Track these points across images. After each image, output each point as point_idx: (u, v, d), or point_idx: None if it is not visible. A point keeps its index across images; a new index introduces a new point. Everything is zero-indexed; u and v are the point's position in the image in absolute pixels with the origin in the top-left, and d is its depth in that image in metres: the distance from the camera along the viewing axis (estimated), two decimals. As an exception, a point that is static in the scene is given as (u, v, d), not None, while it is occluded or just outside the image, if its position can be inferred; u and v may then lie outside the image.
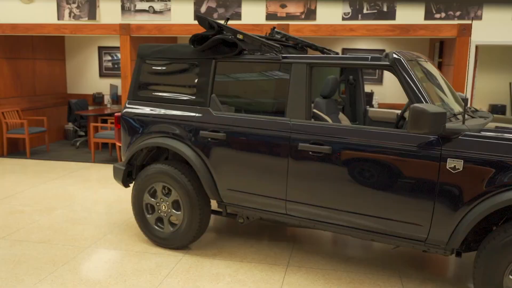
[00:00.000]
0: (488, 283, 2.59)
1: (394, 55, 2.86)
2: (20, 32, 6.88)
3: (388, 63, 2.87)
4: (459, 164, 2.60)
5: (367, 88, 8.06)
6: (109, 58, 8.88)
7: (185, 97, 3.57)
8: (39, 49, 8.29)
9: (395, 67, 2.84)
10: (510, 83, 8.15)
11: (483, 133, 2.62)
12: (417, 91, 2.75)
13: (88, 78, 9.08)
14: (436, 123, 2.52)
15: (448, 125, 2.63)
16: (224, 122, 3.34)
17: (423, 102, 2.71)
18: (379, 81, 8.11)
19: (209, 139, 3.38)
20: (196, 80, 3.52)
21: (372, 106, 7.60)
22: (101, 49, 8.89)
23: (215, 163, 3.38)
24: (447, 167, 2.63)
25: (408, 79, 2.79)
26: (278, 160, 3.12)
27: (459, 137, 2.63)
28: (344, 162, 2.90)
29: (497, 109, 7.58)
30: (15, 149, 7.80)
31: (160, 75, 3.71)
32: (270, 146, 3.15)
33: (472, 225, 2.56)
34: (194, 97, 3.52)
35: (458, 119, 2.91)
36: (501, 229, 2.56)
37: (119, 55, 8.80)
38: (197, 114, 3.46)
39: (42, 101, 8.38)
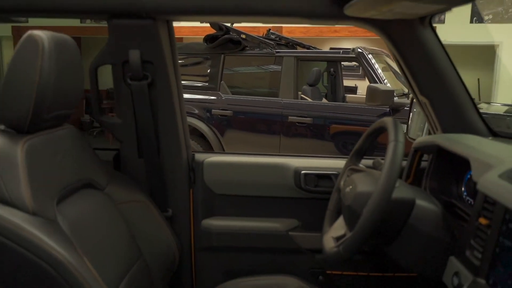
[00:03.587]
0: None
1: (359, 50, 3.87)
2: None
3: (354, 55, 3.88)
4: (403, 128, 3.61)
5: (352, 82, 9.08)
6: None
7: (199, 84, 4.55)
8: (59, 49, 9.23)
9: (358, 58, 3.84)
10: (478, 79, 9.20)
11: (420, 105, 3.63)
12: (374, 75, 3.77)
13: (103, 75, 10.00)
14: (386, 98, 3.52)
15: (396, 100, 3.64)
16: (231, 103, 4.33)
17: (377, 83, 3.71)
18: (362, 76, 9.14)
19: (219, 116, 4.37)
20: (208, 70, 4.51)
21: (356, 98, 8.61)
22: (113, 49, 9.85)
23: (224, 134, 4.37)
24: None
25: (367, 66, 3.80)
26: (273, 130, 4.12)
27: (404, 108, 3.64)
28: (322, 128, 3.91)
29: (465, 101, 8.61)
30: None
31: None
32: (267, 119, 4.15)
33: None
34: (207, 84, 4.51)
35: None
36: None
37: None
38: (209, 97, 4.45)
39: (62, 95, 9.33)
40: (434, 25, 6.67)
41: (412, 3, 0.84)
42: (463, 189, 1.16)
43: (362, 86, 9.21)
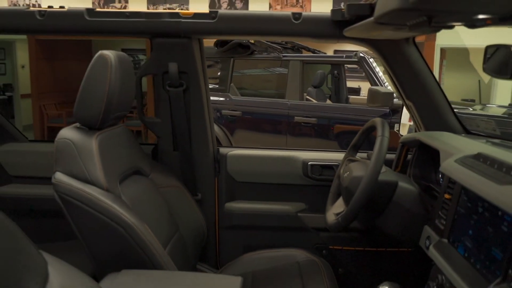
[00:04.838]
0: None
1: (361, 54, 4.14)
2: (59, 36, 8.14)
3: (356, 59, 4.14)
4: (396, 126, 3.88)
5: (355, 84, 9.33)
6: (131, 59, 10.14)
7: (210, 86, 4.83)
8: (71, 51, 9.56)
9: (360, 62, 4.11)
10: (479, 81, 9.43)
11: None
12: (375, 78, 4.03)
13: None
14: (386, 99, 3.78)
15: (395, 101, 3.90)
16: (240, 104, 4.60)
17: (378, 86, 3.98)
18: (366, 78, 9.38)
19: (228, 116, 4.64)
20: (218, 73, 4.79)
21: (359, 99, 8.85)
22: (124, 51, 10.10)
23: (233, 133, 4.64)
24: (394, 130, 3.90)
25: (369, 70, 4.07)
26: (280, 130, 4.39)
27: (403, 109, 3.90)
28: (326, 128, 4.17)
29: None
30: (55, 136, 9.08)
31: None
32: (274, 119, 4.41)
33: None
34: (217, 86, 4.78)
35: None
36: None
37: (140, 56, 10.08)
38: (220, 98, 4.72)
39: (75, 95, 9.63)
40: (434, 29, 6.93)
41: (394, 31, 1.11)
42: (440, 176, 1.43)
43: (365, 87, 9.45)
